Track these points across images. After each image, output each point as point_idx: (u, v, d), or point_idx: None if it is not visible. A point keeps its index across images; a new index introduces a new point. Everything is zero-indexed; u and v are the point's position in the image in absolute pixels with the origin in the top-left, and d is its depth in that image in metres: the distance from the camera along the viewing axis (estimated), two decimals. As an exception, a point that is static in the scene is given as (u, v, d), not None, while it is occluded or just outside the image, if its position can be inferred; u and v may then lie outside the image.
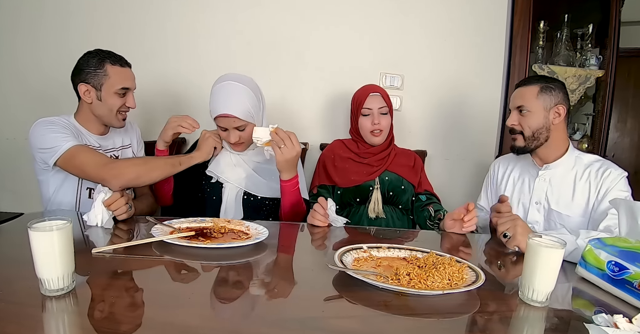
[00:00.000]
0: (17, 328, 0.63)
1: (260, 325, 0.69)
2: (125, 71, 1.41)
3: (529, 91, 1.39)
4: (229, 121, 1.37)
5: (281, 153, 1.29)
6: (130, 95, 1.44)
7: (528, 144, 1.41)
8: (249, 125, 1.40)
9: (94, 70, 1.36)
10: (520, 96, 1.41)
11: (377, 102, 1.61)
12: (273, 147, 1.30)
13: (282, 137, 1.29)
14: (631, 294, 0.82)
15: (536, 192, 1.45)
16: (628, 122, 3.43)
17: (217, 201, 1.46)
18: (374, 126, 1.60)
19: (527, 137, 1.40)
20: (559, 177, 1.42)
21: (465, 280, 0.86)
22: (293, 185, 1.40)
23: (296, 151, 1.30)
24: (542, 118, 1.38)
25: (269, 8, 1.96)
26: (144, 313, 0.71)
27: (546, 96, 1.37)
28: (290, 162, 1.32)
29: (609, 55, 1.98)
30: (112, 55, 1.39)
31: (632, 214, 0.96)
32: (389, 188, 1.63)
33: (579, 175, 1.39)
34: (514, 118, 1.42)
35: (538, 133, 1.39)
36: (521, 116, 1.40)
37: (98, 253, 0.95)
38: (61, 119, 1.38)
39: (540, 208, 1.45)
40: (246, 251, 1.03)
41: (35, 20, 1.97)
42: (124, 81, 1.39)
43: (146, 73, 1.98)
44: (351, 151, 1.69)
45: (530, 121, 1.39)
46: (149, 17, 1.96)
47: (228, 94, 1.37)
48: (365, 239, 1.25)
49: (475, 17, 1.95)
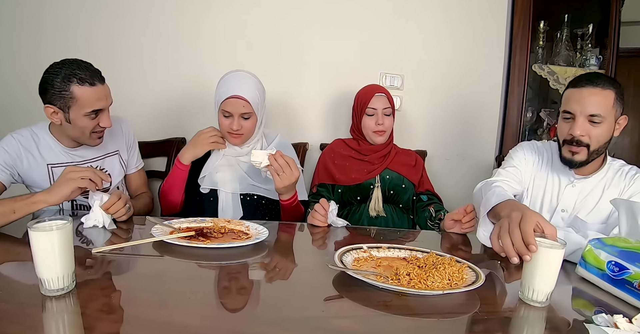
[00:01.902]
0: (17, 328, 0.63)
1: (260, 325, 0.69)
2: (95, 91, 1.25)
3: (606, 97, 1.15)
4: (238, 104, 1.35)
5: (280, 180, 1.28)
6: (104, 114, 1.31)
7: (589, 159, 1.19)
8: (253, 116, 1.40)
9: (59, 92, 1.21)
10: (595, 101, 1.15)
11: (382, 102, 1.62)
12: (272, 173, 1.28)
13: (281, 164, 1.26)
14: (631, 294, 0.82)
15: (565, 199, 1.29)
16: (628, 122, 3.42)
17: (214, 201, 1.46)
18: (378, 126, 1.61)
19: (592, 152, 1.18)
20: (590, 186, 1.28)
21: (465, 280, 0.86)
22: (292, 201, 1.41)
23: (295, 177, 1.29)
24: (611, 131, 1.18)
25: (270, 9, 1.96)
26: (144, 313, 0.71)
27: (618, 105, 1.18)
28: (289, 186, 1.31)
29: (609, 55, 1.98)
30: (79, 72, 1.23)
31: (632, 214, 0.96)
32: (389, 187, 1.64)
33: (608, 182, 1.26)
34: (583, 127, 1.16)
35: (602, 147, 1.19)
36: (592, 126, 1.17)
37: (98, 252, 0.95)
38: (24, 135, 1.34)
39: (565, 216, 1.30)
40: (246, 251, 1.03)
41: (38, 19, 1.96)
42: (94, 103, 1.25)
43: (147, 73, 1.99)
44: (352, 148, 1.70)
45: (601, 133, 1.17)
46: (150, 17, 1.96)
47: (241, 79, 1.38)
48: (365, 239, 1.25)
49: (475, 17, 1.95)
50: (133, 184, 1.58)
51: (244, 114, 1.37)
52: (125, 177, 1.57)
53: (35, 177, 1.37)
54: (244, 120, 1.39)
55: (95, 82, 1.25)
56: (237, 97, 1.34)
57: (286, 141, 1.65)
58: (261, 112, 1.46)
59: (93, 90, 1.24)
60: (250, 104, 1.36)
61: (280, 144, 1.57)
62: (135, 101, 1.98)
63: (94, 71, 1.27)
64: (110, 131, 1.45)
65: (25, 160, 1.35)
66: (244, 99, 1.35)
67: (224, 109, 1.37)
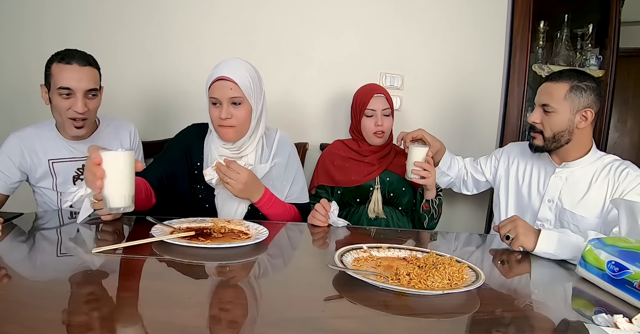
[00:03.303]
0: (17, 328, 0.63)
1: (260, 325, 0.69)
2: (69, 69, 1.28)
3: (558, 89, 1.28)
4: (225, 88, 1.23)
5: (231, 187, 1.22)
6: (77, 97, 1.30)
7: (547, 145, 1.33)
8: (245, 103, 1.26)
9: (46, 71, 1.32)
10: (548, 92, 1.30)
11: (381, 103, 1.61)
12: (223, 184, 1.24)
13: (224, 171, 1.20)
14: (631, 294, 0.82)
15: (550, 189, 1.37)
16: (628, 122, 3.43)
17: (210, 209, 1.35)
18: (377, 127, 1.60)
19: (547, 138, 1.31)
20: (576, 176, 1.34)
21: (465, 280, 0.86)
22: (267, 201, 1.31)
23: (244, 176, 1.21)
24: (567, 121, 1.28)
25: (270, 8, 1.96)
26: (144, 313, 0.71)
27: (575, 97, 1.27)
28: (245, 189, 1.23)
29: (609, 55, 1.98)
30: (63, 53, 1.31)
31: (632, 214, 0.96)
32: (389, 189, 1.63)
33: (596, 174, 1.31)
34: (536, 115, 1.32)
35: (559, 135, 1.30)
36: (545, 115, 1.31)
37: (98, 252, 0.95)
38: (26, 132, 1.40)
39: (552, 206, 1.37)
40: (246, 251, 1.03)
41: (38, 17, 1.96)
42: (63, 80, 1.28)
43: (147, 72, 1.99)
44: (352, 149, 1.69)
45: (553, 121, 1.29)
46: (150, 16, 1.96)
47: (229, 62, 1.28)
48: (365, 239, 1.25)
49: (475, 17, 1.95)
50: None
51: (233, 98, 1.24)
52: None
53: (39, 173, 1.41)
54: (235, 107, 1.25)
55: (73, 62, 1.28)
56: (224, 78, 1.23)
57: (285, 135, 1.47)
58: (256, 102, 1.30)
59: (67, 67, 1.28)
60: (240, 87, 1.23)
61: (280, 143, 1.43)
62: (135, 100, 1.98)
63: (80, 54, 1.31)
64: (118, 131, 1.52)
65: (29, 157, 1.39)
66: (231, 80, 1.22)
67: (212, 96, 1.26)
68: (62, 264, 0.94)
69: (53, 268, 0.90)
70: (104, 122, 1.52)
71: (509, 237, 1.09)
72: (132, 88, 1.98)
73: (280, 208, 1.35)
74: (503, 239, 1.11)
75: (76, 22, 1.95)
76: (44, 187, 1.44)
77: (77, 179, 1.44)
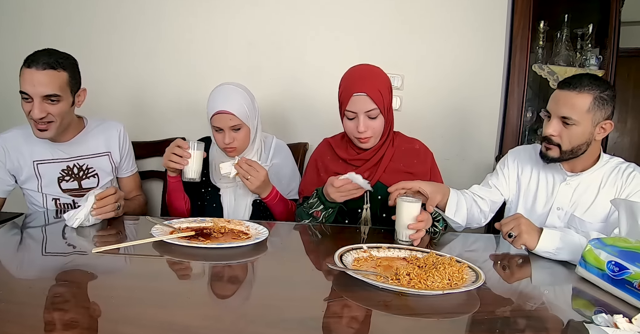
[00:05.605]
0: (17, 328, 0.63)
1: (260, 325, 0.69)
2: (27, 72, 1.24)
3: (581, 101, 1.17)
4: (225, 119, 1.38)
5: (250, 183, 1.34)
6: (34, 103, 1.25)
7: (562, 157, 1.24)
8: (243, 127, 1.42)
9: None
10: (569, 104, 1.19)
11: (363, 104, 1.27)
12: (242, 179, 1.35)
13: (246, 169, 1.32)
14: (631, 294, 0.82)
15: (559, 198, 1.31)
16: (628, 122, 3.43)
17: (217, 208, 1.48)
18: (359, 133, 1.30)
19: (565, 151, 1.23)
20: (585, 183, 1.29)
21: (465, 280, 0.86)
22: (274, 197, 1.43)
23: (262, 175, 1.34)
24: (588, 134, 1.20)
25: (269, 8, 1.96)
26: (144, 312, 0.71)
27: (598, 109, 1.18)
28: (261, 185, 1.36)
29: (609, 55, 1.98)
30: (32, 54, 1.26)
31: (632, 214, 0.96)
32: (381, 209, 1.35)
33: (604, 179, 1.27)
34: (555, 128, 1.21)
35: (577, 148, 1.22)
36: (564, 127, 1.20)
37: (98, 252, 0.95)
38: (12, 133, 1.40)
39: (561, 215, 1.31)
40: (246, 251, 1.03)
41: (36, 19, 1.96)
42: (22, 83, 1.25)
43: (146, 73, 1.99)
44: (339, 157, 1.42)
45: (574, 134, 1.20)
46: (148, 17, 1.96)
47: (226, 93, 1.41)
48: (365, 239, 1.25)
49: (475, 17, 1.95)
50: (127, 187, 1.60)
51: (233, 126, 1.40)
52: (118, 181, 1.59)
53: (24, 174, 1.41)
54: (235, 132, 1.41)
55: (33, 65, 1.23)
56: (223, 112, 1.37)
57: (281, 142, 1.64)
58: (253, 121, 1.46)
59: (27, 71, 1.23)
60: (237, 117, 1.38)
61: (277, 147, 1.60)
62: (135, 100, 1.98)
63: (47, 57, 1.24)
64: (105, 132, 1.50)
65: (15, 159, 1.40)
66: (229, 113, 1.37)
67: (214, 125, 1.42)
68: (62, 264, 0.94)
69: (53, 268, 0.90)
70: (92, 122, 1.50)
71: (512, 235, 1.08)
72: (123, 88, 1.97)
73: (284, 203, 1.47)
74: (505, 237, 1.10)
75: (73, 22, 1.95)
76: (30, 189, 1.43)
77: (62, 181, 1.43)
